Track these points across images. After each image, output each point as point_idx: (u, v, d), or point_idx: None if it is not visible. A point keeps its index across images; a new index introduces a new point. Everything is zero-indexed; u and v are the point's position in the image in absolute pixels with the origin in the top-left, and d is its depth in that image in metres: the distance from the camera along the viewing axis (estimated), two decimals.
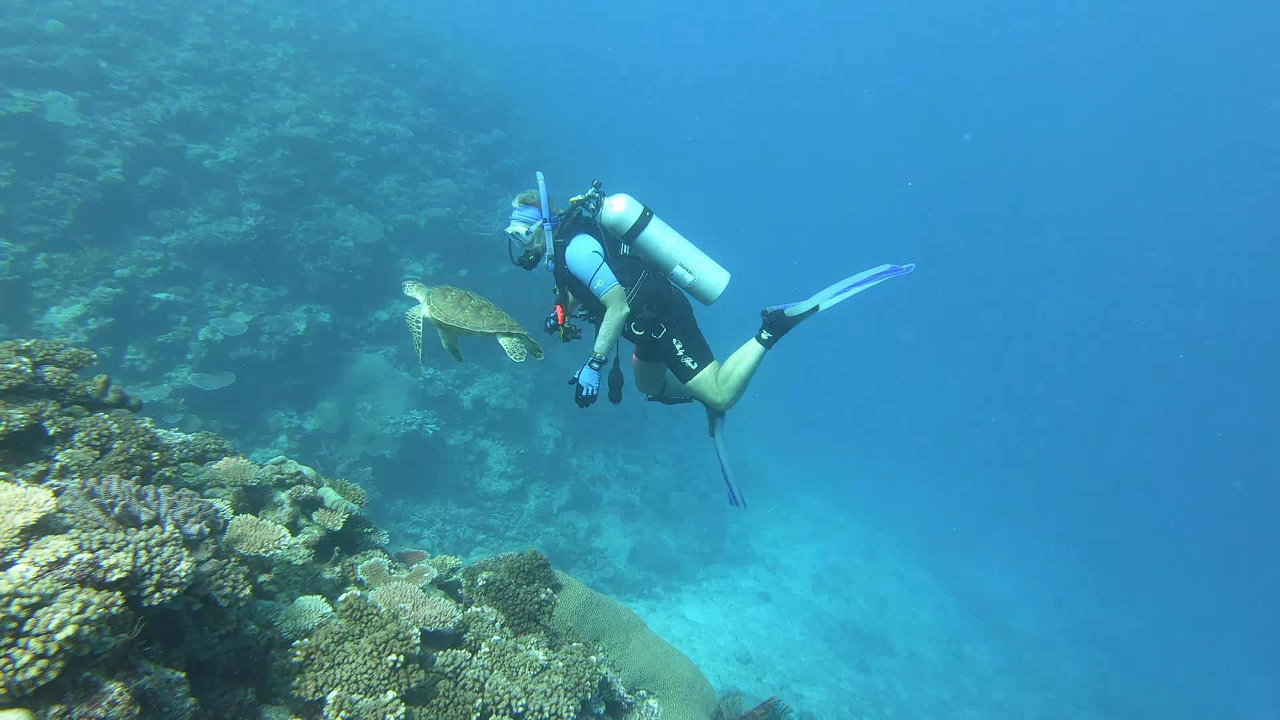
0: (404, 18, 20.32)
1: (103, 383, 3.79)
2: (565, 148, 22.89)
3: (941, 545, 23.59)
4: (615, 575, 14.11)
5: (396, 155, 15.10)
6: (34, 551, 2.22)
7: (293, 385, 11.76)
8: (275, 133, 13.57)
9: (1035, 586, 23.36)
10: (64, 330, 10.05)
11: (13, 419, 3.13)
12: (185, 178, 12.35)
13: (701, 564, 16.41)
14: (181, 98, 13.10)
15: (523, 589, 3.97)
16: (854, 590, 18.52)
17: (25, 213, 10.37)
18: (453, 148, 16.45)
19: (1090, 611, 22.57)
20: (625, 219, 4.62)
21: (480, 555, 12.26)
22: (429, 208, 14.51)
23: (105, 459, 3.20)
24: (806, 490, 23.56)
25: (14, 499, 2.35)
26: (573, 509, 14.61)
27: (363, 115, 15.31)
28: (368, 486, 11.44)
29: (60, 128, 11.26)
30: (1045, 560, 26.04)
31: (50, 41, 12.07)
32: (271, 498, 3.87)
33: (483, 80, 19.87)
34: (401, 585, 3.57)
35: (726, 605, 15.51)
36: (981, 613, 20.13)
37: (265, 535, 3.23)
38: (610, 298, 4.50)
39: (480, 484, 13.32)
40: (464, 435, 13.41)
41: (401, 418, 12.27)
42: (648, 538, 15.50)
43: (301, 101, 14.48)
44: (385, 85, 16.42)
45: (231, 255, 11.92)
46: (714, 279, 4.66)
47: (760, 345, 4.64)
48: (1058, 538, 28.52)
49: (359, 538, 4.22)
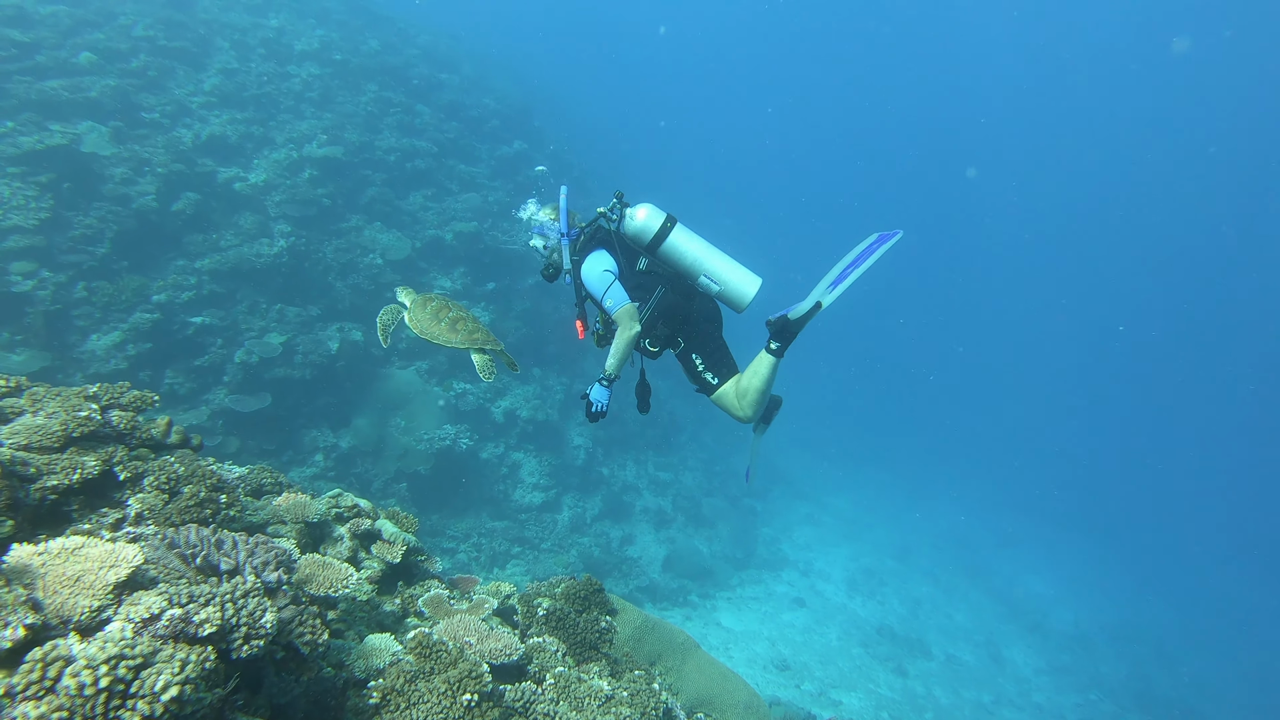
0: (424, 33, 20.48)
1: (165, 424, 3.86)
2: (586, 156, 22.98)
3: (974, 545, 23.39)
4: (650, 584, 14.12)
5: (421, 171, 15.23)
6: (128, 608, 2.26)
7: (327, 404, 11.88)
8: (303, 153, 13.74)
9: (1071, 585, 23.10)
10: (104, 357, 10.21)
11: (87, 466, 3.19)
12: (217, 201, 12.52)
13: (735, 570, 16.39)
14: (210, 123, 13.29)
15: (582, 617, 3.99)
16: (888, 593, 18.42)
17: (65, 242, 10.55)
18: (476, 161, 16.56)
19: (1129, 609, 22.29)
20: (647, 228, 4.57)
21: (516, 568, 12.35)
22: (455, 222, 14.61)
23: (175, 503, 3.26)
24: (836, 492, 23.46)
25: (105, 555, 2.40)
26: (606, 518, 14.64)
27: (387, 132, 15.45)
28: (403, 503, 11.55)
29: (95, 157, 11.46)
30: (1080, 557, 25.72)
31: (84, 73, 12.29)
32: (331, 532, 3.92)
33: (503, 93, 20.00)
34: (465, 618, 3.61)
35: (762, 611, 15.47)
36: (1018, 613, 19.94)
37: (333, 575, 3.27)
38: (621, 316, 4.49)
39: (514, 496, 13.39)
40: (496, 448, 13.48)
41: (435, 433, 12.35)
42: (681, 545, 15.50)
43: (327, 121, 14.64)
44: (408, 101, 16.55)
45: (264, 277, 12.06)
46: (742, 286, 4.52)
47: (771, 356, 4.44)
48: (1092, 534, 28.21)
49: (415, 567, 4.27)
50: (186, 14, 14.96)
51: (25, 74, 11.77)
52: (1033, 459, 35.40)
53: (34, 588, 2.25)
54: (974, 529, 24.72)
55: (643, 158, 33.60)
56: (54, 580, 2.29)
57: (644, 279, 4.67)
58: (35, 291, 10.03)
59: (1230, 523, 34.17)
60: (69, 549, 2.41)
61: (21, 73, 11.76)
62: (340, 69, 16.21)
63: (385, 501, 11.32)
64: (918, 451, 31.33)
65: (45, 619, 2.16)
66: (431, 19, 22.37)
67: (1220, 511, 35.26)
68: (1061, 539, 26.94)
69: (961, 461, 31.72)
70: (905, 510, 24.28)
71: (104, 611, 2.28)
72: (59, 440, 3.27)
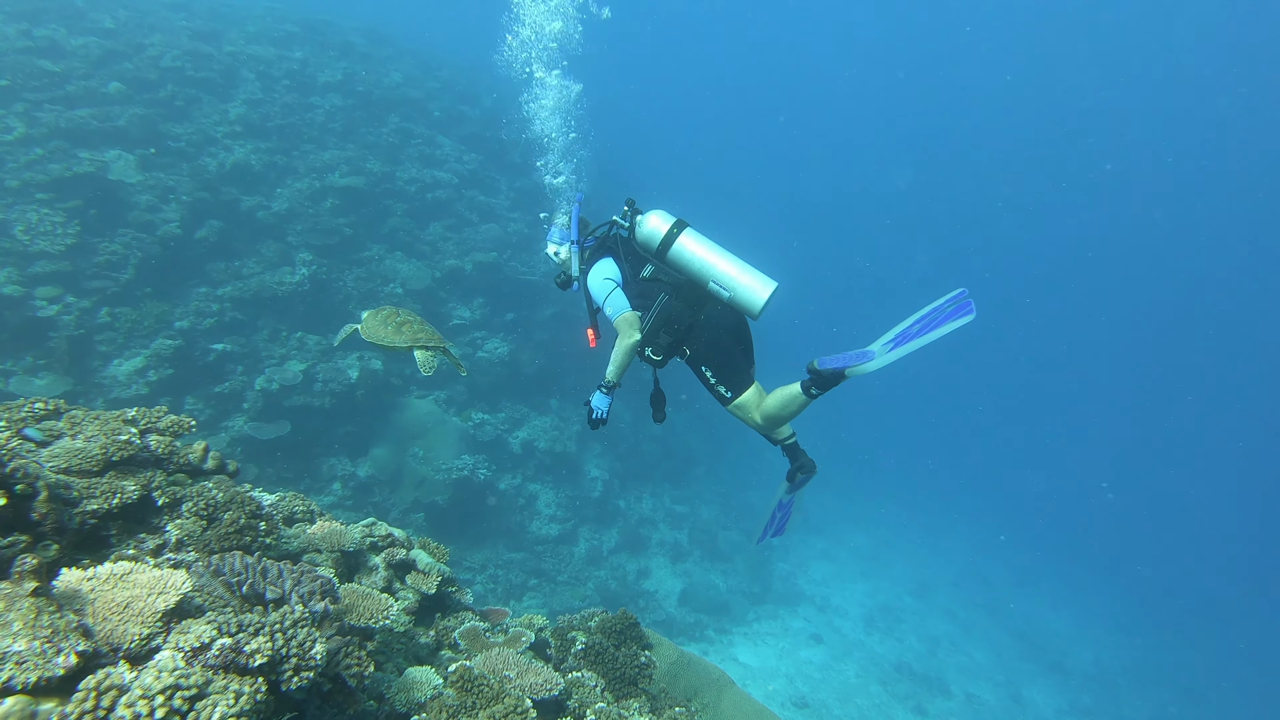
0: (445, 66, 20.73)
1: (202, 449, 3.82)
2: (609, 183, 23.09)
3: (992, 582, 23.02)
4: (667, 618, 13.92)
5: (442, 201, 15.32)
6: (178, 636, 2.20)
7: (346, 432, 11.84)
8: (325, 183, 13.85)
9: (1091, 623, 22.66)
10: (126, 383, 10.22)
11: (126, 491, 3.14)
12: (240, 229, 12.60)
13: (751, 605, 16.15)
14: (235, 151, 13.43)
15: (620, 651, 3.89)
16: (906, 630, 18.09)
17: (90, 268, 10.62)
18: (495, 192, 16.66)
19: (1151, 648, 21.85)
20: (655, 233, 4.52)
21: (532, 600, 12.20)
22: (475, 253, 14.66)
23: (214, 529, 3.20)
24: (852, 527, 23.16)
25: (153, 582, 2.34)
26: (622, 551, 14.49)
27: (408, 163, 15.57)
28: (421, 533, 11.45)
29: (122, 185, 11.58)
30: (1100, 595, 25.26)
31: (113, 102, 12.46)
32: (366, 562, 3.85)
33: (523, 126, 20.15)
34: (502, 651, 3.52)
35: (779, 647, 15.22)
36: (1037, 651, 19.56)
37: (373, 605, 3.19)
38: (620, 324, 4.47)
39: (530, 528, 13.27)
40: (514, 479, 13.39)
41: (453, 463, 12.28)
42: (697, 579, 15.31)
43: (349, 152, 14.77)
44: (429, 133, 16.72)
45: (285, 304, 12.10)
46: (753, 292, 4.34)
47: (805, 396, 4.23)
48: (1111, 571, 27.73)
49: (448, 598, 4.18)
50: (213, 46, 15.20)
51: (56, 103, 11.95)
52: (1050, 495, 34.96)
53: (84, 614, 2.19)
54: (992, 566, 24.34)
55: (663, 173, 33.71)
56: (103, 606, 2.23)
57: (648, 287, 4.60)
58: (60, 316, 10.08)
59: (1259, 561, 33.52)
60: (117, 574, 2.36)
61: (52, 102, 11.95)
62: (363, 100, 16.41)
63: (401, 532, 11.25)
64: (934, 488, 30.99)
65: (96, 646, 2.10)
66: (454, 54, 22.68)
67: (1247, 550, 34.60)
68: (1080, 576, 26.49)
69: (978, 498, 31.34)
70: (922, 546, 23.93)
71: (153, 640, 2.22)
72: (98, 464, 3.22)
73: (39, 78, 12.20)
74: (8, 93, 11.77)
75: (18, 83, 11.95)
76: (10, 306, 9.78)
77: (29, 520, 2.50)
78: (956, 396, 43.31)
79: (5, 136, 11.19)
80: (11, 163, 10.94)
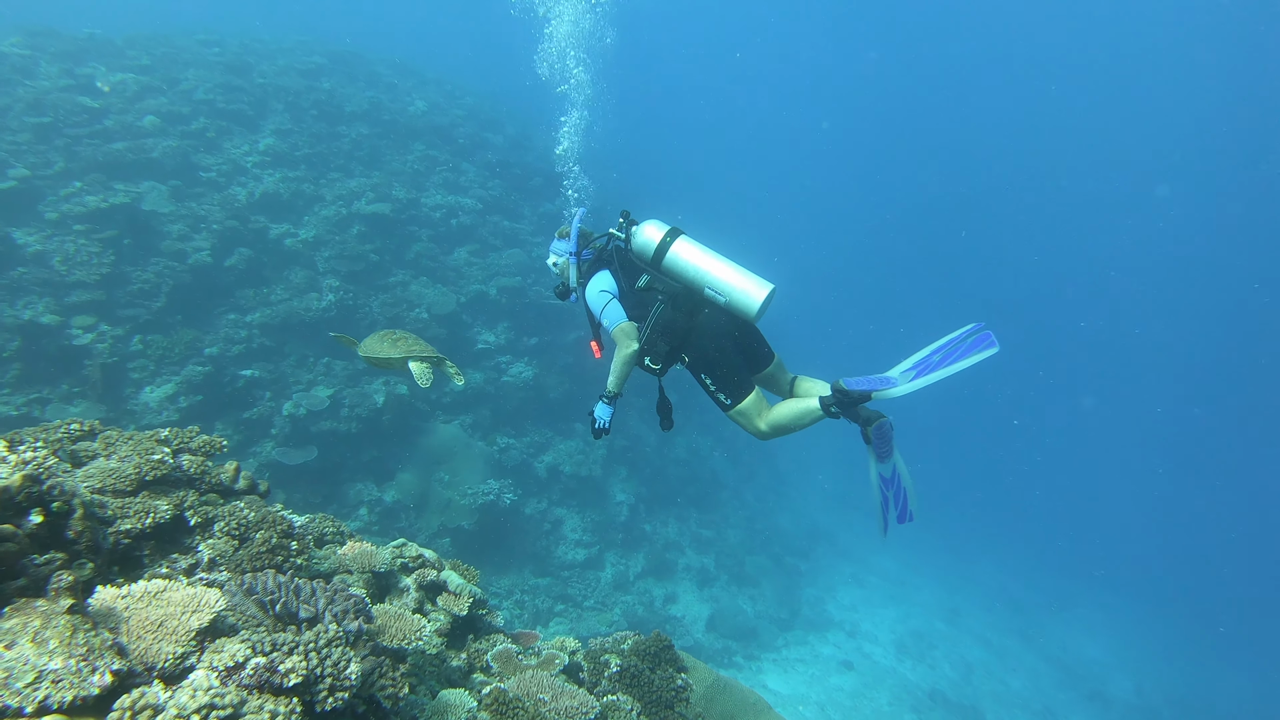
0: (468, 94, 21.03)
1: (234, 470, 3.81)
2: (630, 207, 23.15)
3: (1025, 607, 22.56)
4: (695, 644, 13.73)
5: (466, 227, 15.44)
6: (211, 655, 2.17)
7: (372, 457, 11.87)
8: (351, 210, 14.02)
9: (1131, 650, 22.13)
10: (157, 409, 10.32)
11: (159, 510, 3.14)
12: (268, 257, 12.77)
13: (780, 630, 15.91)
14: (264, 180, 13.65)
15: (656, 675, 3.81)
16: (938, 656, 17.74)
17: (123, 297, 10.79)
18: (519, 218, 16.78)
19: (1195, 678, 21.25)
20: (650, 242, 4.58)
21: (559, 626, 12.09)
22: (499, 277, 14.74)
23: (247, 548, 3.19)
24: (880, 551, 22.79)
25: (187, 600, 2.32)
26: (649, 576, 14.35)
27: (433, 190, 15.73)
28: (447, 558, 11.41)
29: (155, 215, 11.79)
30: (1139, 621, 24.66)
31: (147, 135, 12.74)
32: (397, 583, 3.82)
33: (545, 151, 20.36)
34: (536, 674, 3.46)
35: (809, 674, 14.96)
36: (1075, 680, 19.10)
37: (406, 626, 3.15)
38: (617, 334, 4.50)
39: (556, 553, 13.19)
40: (539, 504, 13.34)
41: (479, 487, 12.25)
42: (725, 604, 15.11)
43: (375, 179, 14.96)
44: (454, 160, 16.91)
45: (312, 330, 12.20)
46: (748, 296, 4.36)
47: (823, 413, 4.27)
48: (1151, 597, 27.04)
49: (479, 621, 4.14)
50: (244, 79, 15.52)
51: (94, 137, 12.24)
52: (1083, 518, 34.28)
53: (119, 632, 2.17)
54: (1024, 590, 23.88)
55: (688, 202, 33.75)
56: (138, 624, 2.21)
57: (644, 296, 4.64)
58: (94, 344, 10.24)
59: None
60: (151, 592, 2.34)
61: (91, 136, 12.24)
62: (388, 128, 16.65)
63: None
64: (961, 510, 30.51)
65: (131, 664, 2.07)
66: (476, 82, 23.01)
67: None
68: (1117, 602, 25.88)
69: (1008, 520, 30.84)
70: (951, 570, 23.54)
71: (188, 658, 2.19)
72: (132, 484, 3.23)
73: (79, 114, 12.51)
74: (50, 129, 12.08)
75: (59, 119, 12.27)
76: (48, 335, 9.95)
77: (65, 539, 2.49)
78: (981, 416, 42.71)
79: (46, 171, 11.47)
80: (51, 196, 11.20)
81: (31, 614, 2.02)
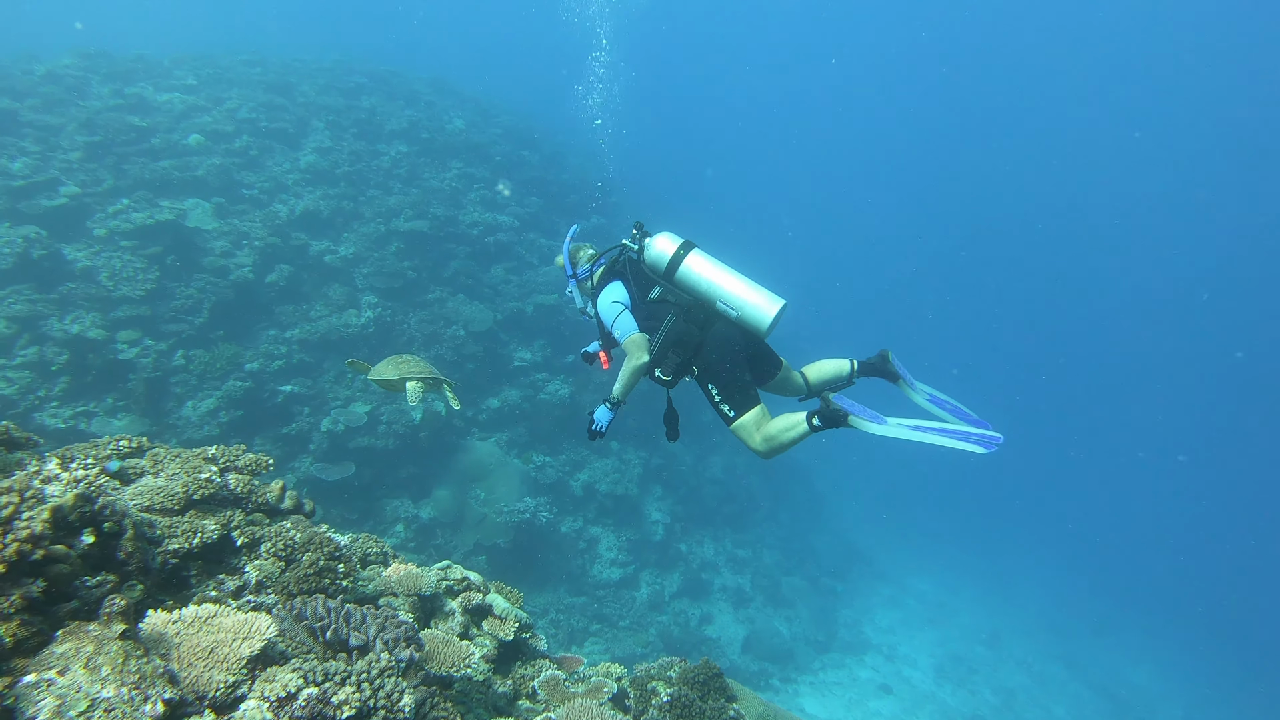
0: (505, 113, 21.19)
1: (279, 489, 3.78)
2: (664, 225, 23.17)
3: (1068, 632, 21.95)
4: (731, 666, 13.51)
5: (503, 244, 15.49)
6: (263, 685, 2.11)
7: (409, 474, 11.87)
8: (390, 227, 14.13)
9: (1178, 677, 21.43)
10: (198, 424, 10.41)
11: (207, 530, 3.11)
12: (308, 273, 12.90)
13: (816, 653, 15.64)
14: (305, 198, 13.82)
15: (708, 704, 3.70)
16: (979, 682, 17.31)
17: (167, 312, 10.94)
18: (555, 235, 16.81)
19: (1246, 706, 20.49)
20: (663, 255, 4.60)
21: (594, 646, 11.97)
22: (536, 295, 14.76)
23: (293, 570, 3.14)
24: (917, 573, 22.39)
25: (237, 626, 2.27)
26: (684, 596, 14.17)
27: (470, 207, 15.81)
28: (484, 576, 11.36)
29: (199, 231, 11.98)
30: (1187, 649, 23.88)
31: (192, 154, 12.98)
32: (443, 606, 3.75)
33: (580, 169, 20.46)
34: (585, 703, 3.36)
35: (846, 698, 14.67)
36: (1122, 709, 18.52)
37: (454, 653, 3.08)
38: (628, 345, 4.51)
39: (591, 571, 13.08)
40: (575, 522, 13.25)
41: (515, 505, 12.19)
42: (760, 625, 14.88)
43: (414, 196, 15.07)
44: (491, 177, 17.00)
45: (351, 347, 12.27)
46: (760, 311, 4.41)
47: (807, 426, 4.21)
48: (1198, 622, 26.19)
49: (523, 645, 4.05)
50: (286, 98, 15.78)
51: (141, 155, 12.49)
52: (1128, 541, 33.35)
53: (170, 658, 2.12)
54: (1066, 614, 23.25)
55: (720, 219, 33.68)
56: (188, 651, 2.16)
57: (656, 308, 4.66)
58: (138, 359, 10.37)
59: None
60: (202, 618, 2.29)
61: (139, 154, 12.49)
62: (427, 146, 16.80)
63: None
64: (999, 531, 29.90)
65: (182, 693, 2.02)
66: (512, 100, 23.20)
67: None
68: (1164, 628, 25.10)
69: (1047, 542, 30.11)
70: (993, 593, 23.00)
71: (239, 687, 2.13)
72: (180, 502, 3.20)
73: (127, 132, 12.77)
74: (100, 148, 12.35)
75: (109, 138, 12.54)
76: (94, 349, 10.09)
77: (116, 559, 2.46)
78: (1021, 436, 41.75)
79: (95, 188, 11.71)
80: (100, 213, 11.42)
81: (84, 638, 1.98)
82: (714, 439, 16.77)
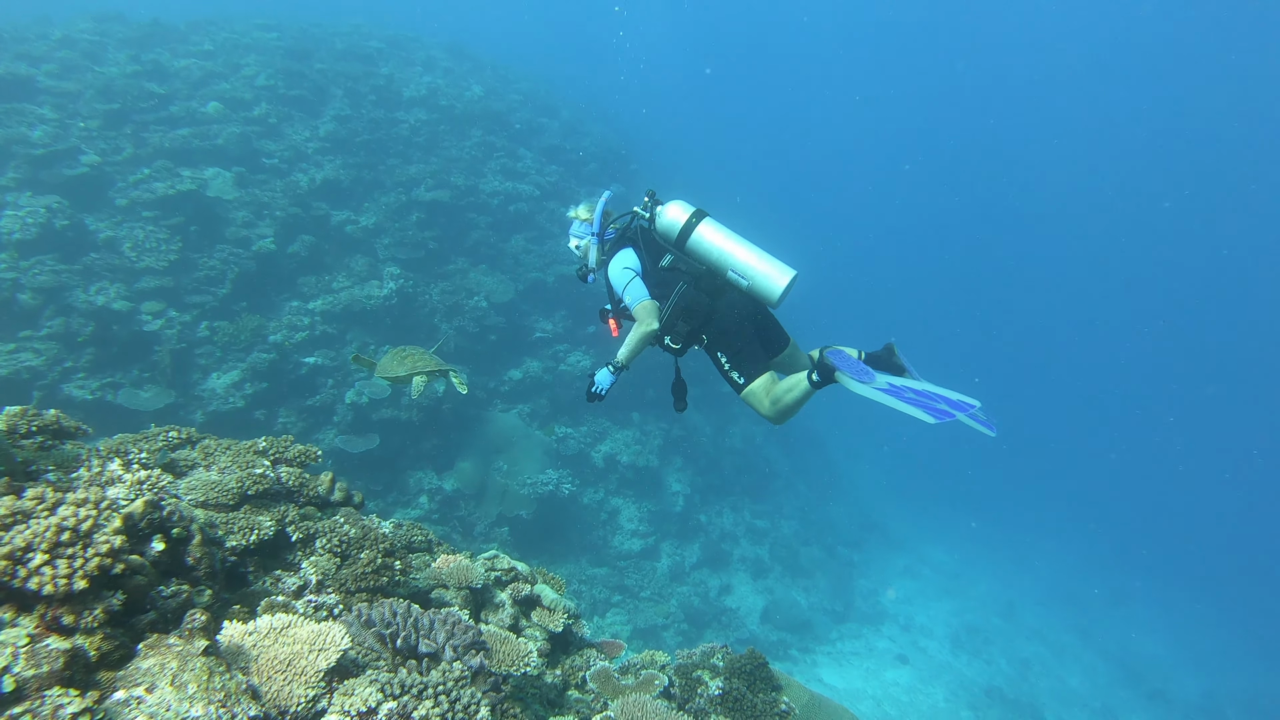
0: (523, 79, 20.92)
1: (329, 481, 3.76)
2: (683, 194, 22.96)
3: (1082, 602, 22.01)
4: (750, 636, 13.63)
5: (524, 214, 15.36)
6: (342, 699, 2.10)
7: (432, 446, 11.90)
8: (411, 197, 14.01)
9: (1193, 648, 21.52)
10: (224, 396, 10.43)
11: (262, 526, 3.08)
12: (329, 244, 12.84)
13: (834, 623, 15.75)
14: (325, 167, 13.69)
15: (759, 698, 3.69)
16: (995, 652, 17.41)
17: (190, 283, 10.91)
18: (575, 204, 16.65)
19: (1263, 678, 20.55)
20: (675, 223, 4.54)
21: (616, 616, 12.07)
22: (556, 265, 14.66)
23: (351, 568, 3.12)
24: (934, 543, 22.45)
25: (312, 637, 2.24)
26: (704, 567, 14.26)
27: (491, 176, 15.65)
28: (505, 547, 11.42)
29: (220, 201, 11.90)
30: (1201, 618, 23.94)
31: (211, 122, 12.86)
32: (493, 598, 3.74)
33: (601, 137, 20.19)
34: (639, 698, 3.36)
35: (864, 668, 14.79)
36: (1135, 678, 18.60)
37: (514, 651, 3.07)
38: (639, 312, 4.49)
39: (613, 542, 13.15)
40: (596, 494, 13.30)
41: (538, 477, 12.22)
42: (779, 596, 14.98)
43: (434, 165, 14.92)
44: (511, 146, 16.81)
45: (374, 318, 12.25)
46: (771, 281, 4.35)
47: (809, 385, 4.21)
48: (1214, 593, 26.22)
49: (570, 634, 4.05)
50: (304, 64, 15.58)
51: (160, 124, 12.38)
52: (1142, 511, 33.32)
53: (249, 672, 2.10)
54: (1081, 584, 23.32)
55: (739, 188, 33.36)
56: (266, 664, 2.14)
57: (666, 276, 4.62)
58: (163, 331, 10.37)
59: None
60: (276, 629, 2.27)
61: (158, 122, 12.38)
62: (446, 114, 16.60)
63: (487, 546, 11.23)
64: (1015, 502, 29.90)
65: (265, 710, 2.00)
66: (529, 66, 22.87)
67: None
68: (1177, 598, 25.15)
69: (1063, 512, 30.08)
70: (1008, 563, 23.07)
71: (318, 701, 2.11)
72: (234, 498, 3.17)
73: (145, 99, 12.66)
74: (119, 116, 12.25)
75: (127, 105, 12.43)
76: (119, 321, 10.09)
77: (184, 564, 2.44)
78: (1038, 407, 41.66)
79: (115, 157, 11.62)
80: (121, 182, 11.35)
81: (167, 654, 1.96)
82: (732, 410, 16.75)
